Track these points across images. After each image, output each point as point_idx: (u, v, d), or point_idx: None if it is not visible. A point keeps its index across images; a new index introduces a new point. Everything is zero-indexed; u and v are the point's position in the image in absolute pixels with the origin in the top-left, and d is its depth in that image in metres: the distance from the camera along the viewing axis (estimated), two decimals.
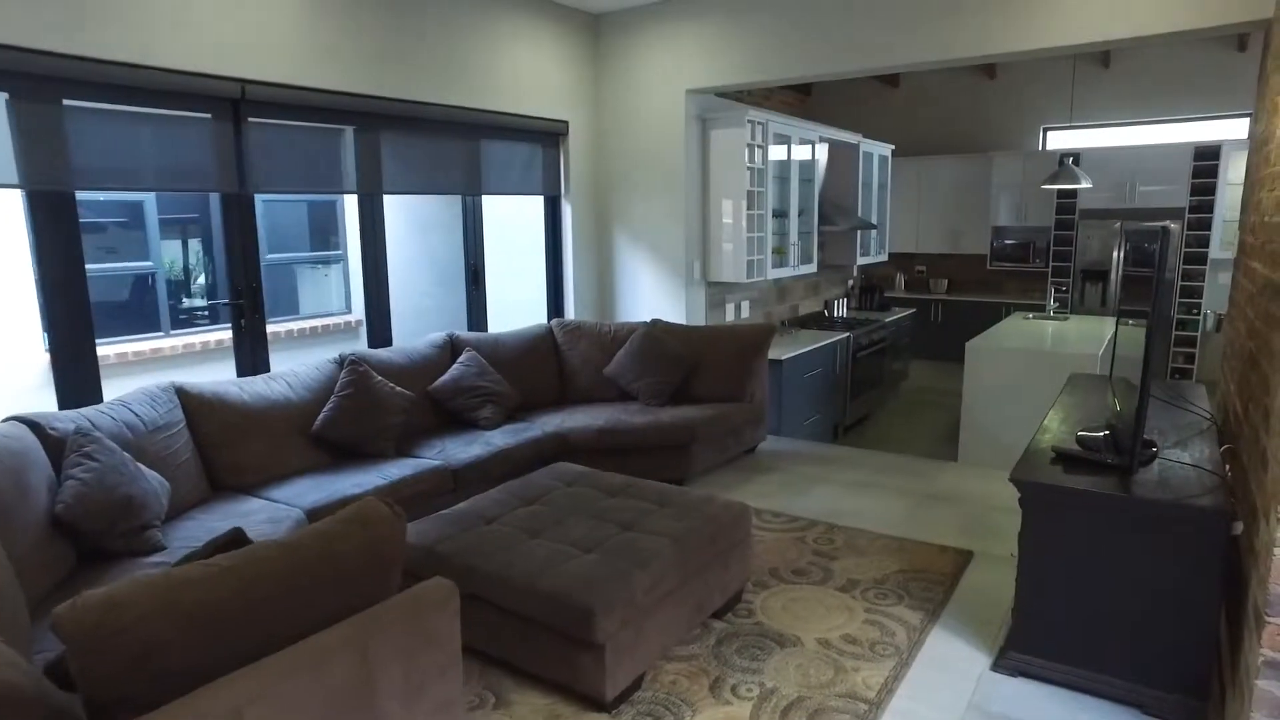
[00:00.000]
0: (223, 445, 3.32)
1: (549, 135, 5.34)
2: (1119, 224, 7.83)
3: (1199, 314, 7.69)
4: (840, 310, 7.36)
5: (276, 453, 3.48)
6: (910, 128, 9.32)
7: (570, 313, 5.59)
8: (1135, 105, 8.23)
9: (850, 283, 7.82)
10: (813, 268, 6.31)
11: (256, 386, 3.58)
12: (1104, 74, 8.31)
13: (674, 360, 4.64)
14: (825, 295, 7.40)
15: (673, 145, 5.29)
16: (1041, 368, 5.37)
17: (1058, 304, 7.20)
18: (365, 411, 3.72)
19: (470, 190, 4.90)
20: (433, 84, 4.48)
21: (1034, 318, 7.10)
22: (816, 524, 3.82)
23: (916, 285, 9.46)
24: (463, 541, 2.67)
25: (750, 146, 5.33)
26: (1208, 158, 7.51)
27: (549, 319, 5.18)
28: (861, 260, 7.20)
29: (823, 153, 6.56)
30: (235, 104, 3.63)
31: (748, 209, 5.36)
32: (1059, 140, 8.72)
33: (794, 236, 5.93)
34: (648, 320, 5.00)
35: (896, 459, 4.97)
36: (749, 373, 4.65)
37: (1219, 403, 3.99)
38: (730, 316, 5.89)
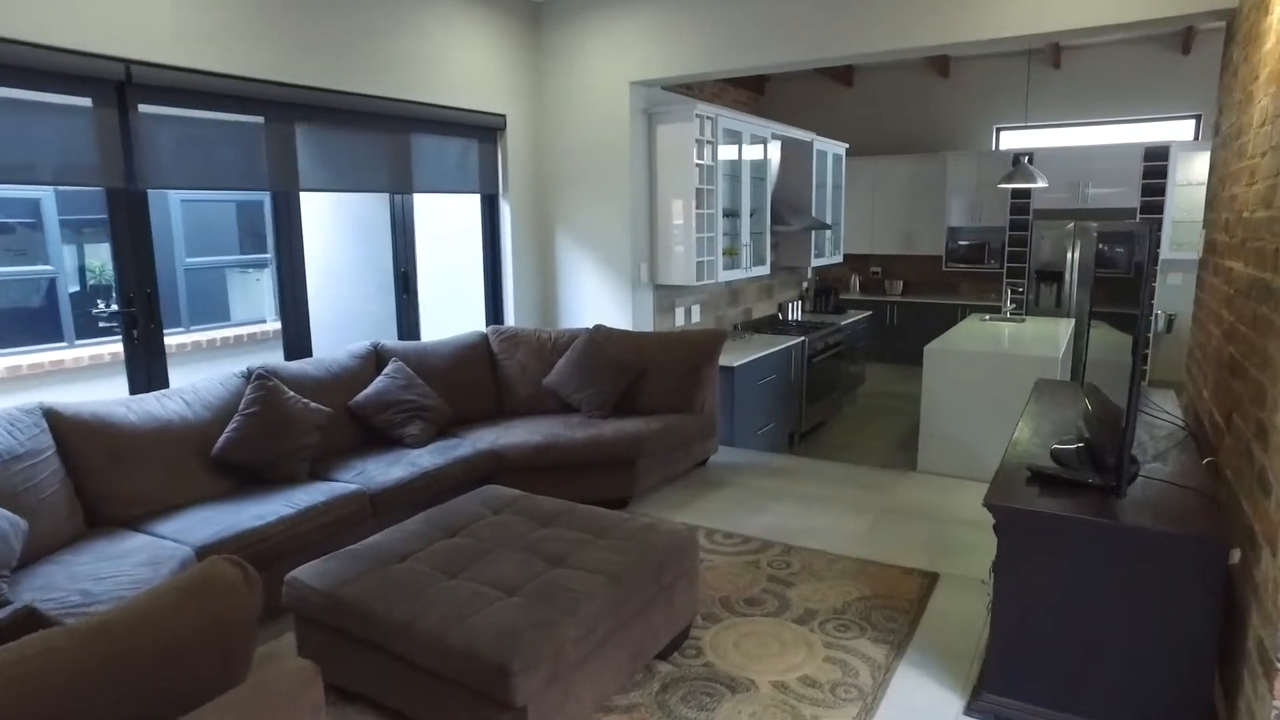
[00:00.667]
0: (104, 474, 2.93)
1: (485, 130, 5.00)
2: (1082, 225, 7.75)
3: (1151, 314, 7.64)
4: (795, 313, 7.14)
5: (170, 480, 3.09)
6: (864, 127, 9.17)
7: (510, 319, 5.26)
8: (1085, 106, 8.18)
9: (805, 285, 7.62)
10: (765, 270, 6.07)
11: (148, 405, 3.18)
12: (1054, 75, 8.25)
13: (618, 369, 4.34)
14: (779, 298, 7.17)
15: (617, 141, 5.00)
16: (1002, 371, 5.19)
17: (1014, 305, 7.07)
18: (274, 431, 3.35)
19: (398, 188, 4.54)
20: (356, 73, 4.12)
21: (991, 319, 6.96)
22: (771, 545, 3.55)
23: (872, 287, 9.31)
24: (369, 584, 2.33)
25: (699, 143, 5.06)
26: (1157, 158, 7.47)
27: (488, 326, 4.83)
28: (816, 262, 6.99)
29: (775, 151, 6.33)
30: (120, 88, 3.23)
31: (697, 208, 5.09)
32: (1012, 140, 8.64)
33: (746, 237, 5.68)
34: (591, 326, 4.69)
35: (854, 470, 4.73)
36: (698, 381, 4.37)
37: (1187, 407, 3.82)
38: (680, 321, 5.62)
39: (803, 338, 6.01)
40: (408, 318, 4.75)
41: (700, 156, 5.09)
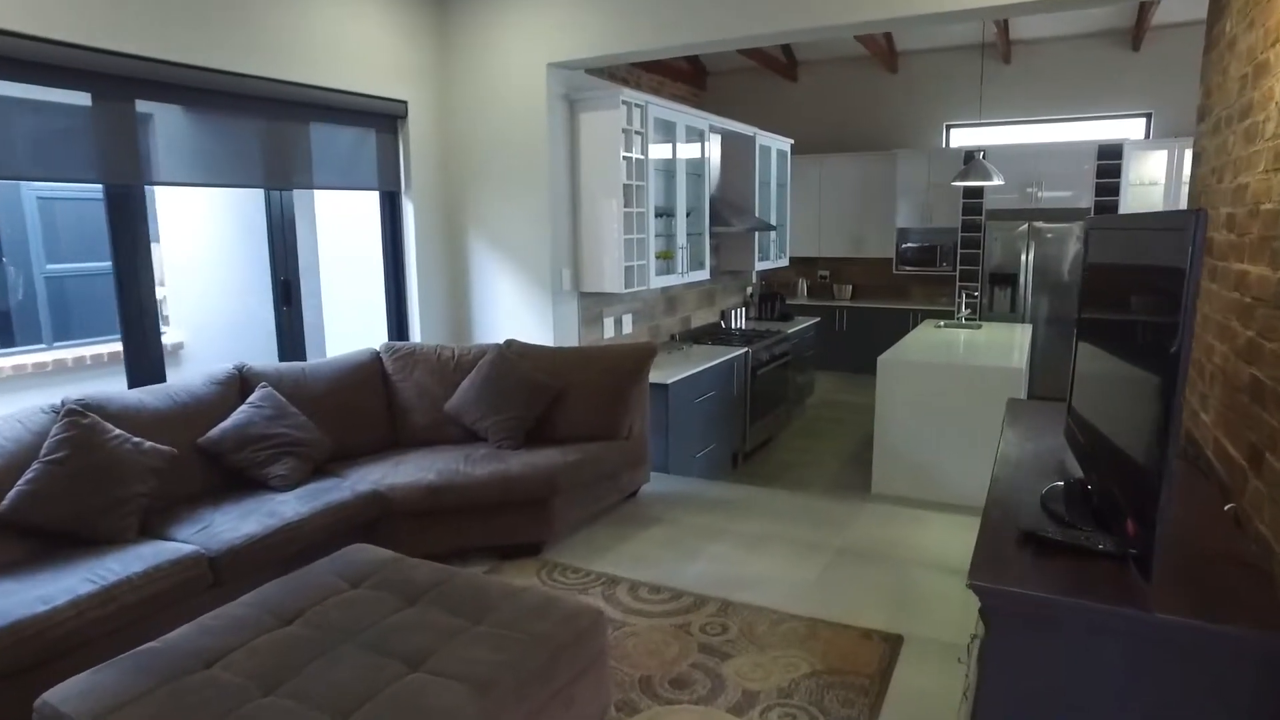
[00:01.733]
0: None
1: (383, 118, 4.38)
2: (1035, 226, 7.41)
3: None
4: (739, 321, 6.63)
5: None
6: (810, 124, 8.74)
7: (416, 334, 4.64)
8: (1036, 103, 7.86)
9: (749, 290, 7.12)
10: (705, 274, 5.54)
11: None
12: (1005, 71, 7.91)
13: (531, 390, 3.76)
14: (722, 304, 6.66)
15: (534, 130, 4.42)
16: (962, 384, 4.74)
17: (969, 311, 6.68)
18: (88, 480, 2.69)
19: (275, 183, 3.90)
20: (222, 47, 3.47)
21: (945, 326, 6.55)
22: (706, 601, 3.00)
23: (819, 291, 8.88)
24: (150, 709, 1.71)
25: (627, 133, 4.51)
26: (1111, 157, 7.17)
27: (383, 343, 4.20)
28: (761, 265, 6.50)
29: (715, 147, 5.82)
30: None
31: (625, 207, 4.54)
32: (963, 138, 8.29)
33: (682, 239, 5.15)
34: (502, 342, 4.10)
35: (804, 501, 4.22)
36: (625, 403, 3.81)
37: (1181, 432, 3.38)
38: (610, 333, 5.06)
39: (746, 348, 5.50)
40: (291, 334, 4.10)
41: (629, 149, 4.54)
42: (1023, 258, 7.50)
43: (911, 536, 3.64)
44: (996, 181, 5.89)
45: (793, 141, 6.98)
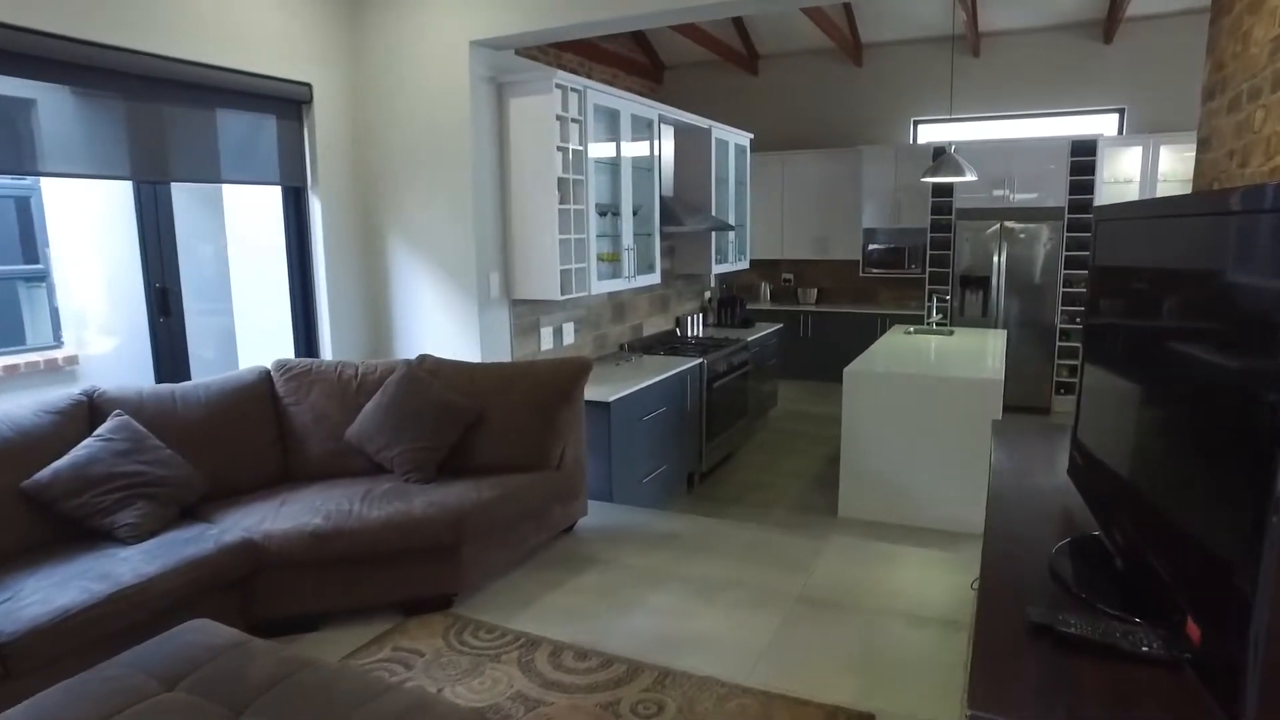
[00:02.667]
0: None
1: (284, 103, 3.85)
2: (1008, 226, 7.04)
3: (1079, 323, 6.98)
4: (695, 328, 6.17)
5: None
6: (772, 120, 8.32)
7: (326, 350, 4.10)
8: (1006, 98, 7.50)
9: (707, 295, 6.66)
10: (656, 278, 5.06)
11: None
12: (974, 64, 7.55)
13: (443, 414, 3.24)
14: (677, 310, 6.19)
15: (457, 117, 3.91)
16: (935, 397, 4.31)
17: (940, 315, 6.28)
18: None
19: (148, 175, 3.35)
20: (79, 13, 2.92)
21: (915, 332, 6.14)
22: (641, 670, 2.51)
23: (783, 295, 8.45)
24: None
25: (563, 121, 4.02)
26: (1085, 153, 6.82)
27: (274, 360, 3.64)
28: (719, 268, 6.04)
29: (668, 139, 5.35)
30: None
31: (562, 203, 4.05)
32: (931, 135, 7.91)
33: (628, 239, 4.66)
34: (414, 357, 3.58)
35: (761, 536, 3.74)
36: (554, 426, 3.31)
37: None
38: (548, 345, 4.55)
39: (701, 359, 5.02)
40: (170, 349, 3.54)
41: (565, 139, 4.04)
42: (994, 259, 7.13)
43: (882, 578, 3.18)
44: (969, 177, 5.48)
45: (752, 136, 6.54)
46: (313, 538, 2.71)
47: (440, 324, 4.08)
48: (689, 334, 6.07)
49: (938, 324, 6.25)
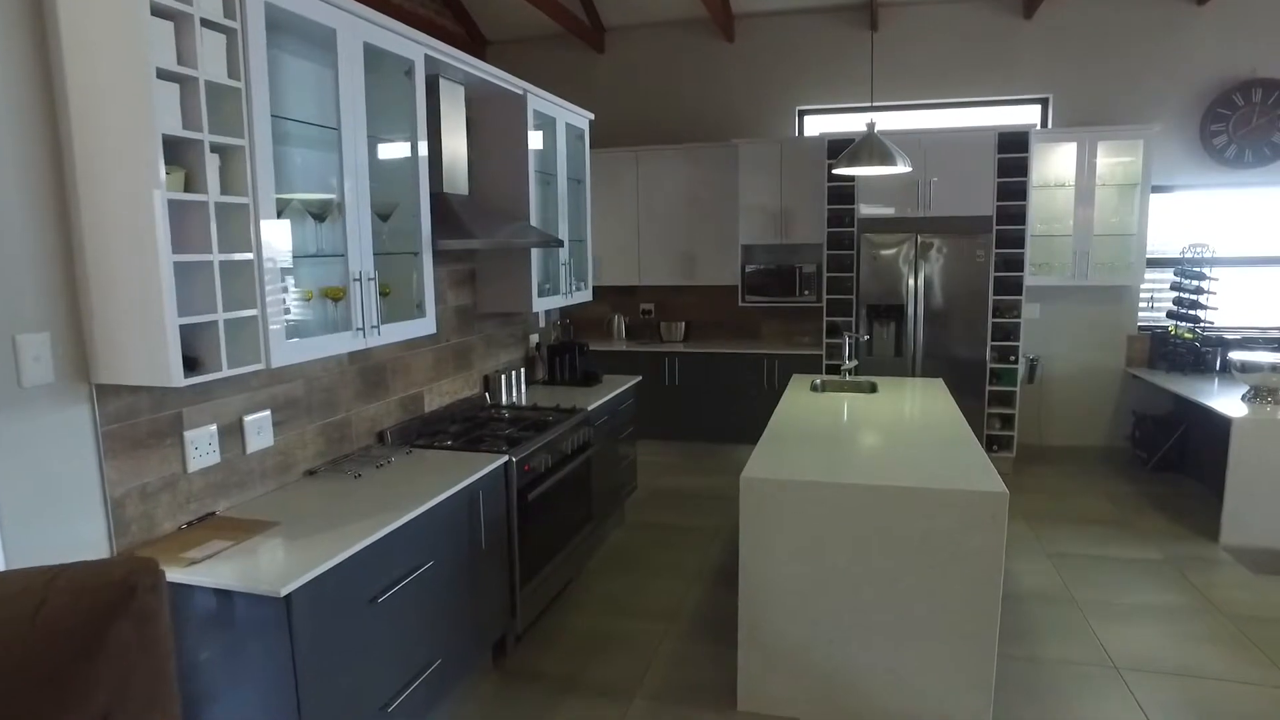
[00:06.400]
0: None
1: None
2: (927, 240, 5.50)
3: (1015, 361, 5.54)
4: (514, 392, 4.22)
5: None
6: (624, 107, 6.53)
7: None
8: (910, 83, 6.03)
9: (534, 341, 4.72)
10: (426, 324, 3.07)
11: None
12: (869, 41, 6.04)
13: None
14: (487, 366, 4.21)
15: None
16: (890, 518, 2.56)
17: (855, 362, 4.60)
18: None
19: None
20: None
21: (823, 388, 4.44)
22: None
23: (642, 332, 6.63)
24: None
25: (180, 21, 1.99)
26: (1014, 149, 5.39)
27: None
28: (546, 302, 4.12)
29: (452, 104, 3.40)
30: None
31: (195, 191, 2.02)
32: (820, 127, 6.34)
33: (363, 263, 2.65)
34: None
35: None
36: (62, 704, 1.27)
37: None
38: (207, 461, 2.44)
39: (506, 454, 3.07)
40: None
41: (188, 59, 2.00)
42: (908, 282, 5.58)
43: None
44: (902, 167, 3.82)
45: (593, 117, 4.68)
46: None
47: None
48: (505, 401, 4.11)
49: (851, 373, 4.57)
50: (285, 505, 2.51)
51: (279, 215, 2.31)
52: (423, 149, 2.95)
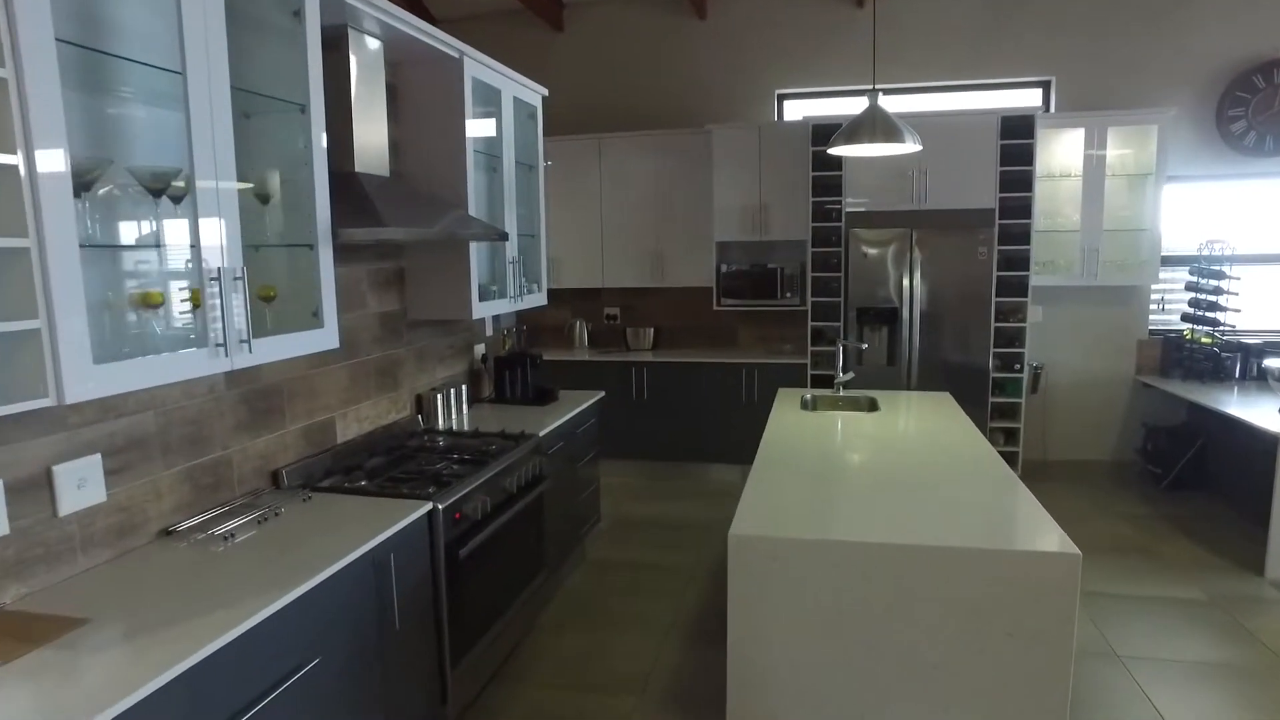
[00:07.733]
0: None
1: None
2: (924, 237, 4.93)
3: (1020, 369, 5.00)
4: (452, 414, 3.56)
5: None
6: (585, 92, 5.91)
7: None
8: (899, 63, 5.48)
9: (480, 352, 4.06)
10: (328, 337, 2.40)
11: None
12: (856, 20, 5.48)
13: None
14: (421, 383, 3.54)
15: None
16: (922, 586, 1.95)
17: (850, 375, 4.00)
18: None
19: None
20: None
21: (816, 405, 3.84)
22: None
23: (607, 340, 6.00)
24: None
25: None
26: (1018, 134, 4.85)
27: None
28: (489, 307, 3.47)
29: (374, 65, 2.75)
30: None
31: None
32: (801, 112, 5.76)
33: (226, 260, 1.98)
34: None
35: None
36: None
37: None
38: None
39: (429, 503, 2.41)
40: None
41: None
42: (904, 283, 5.01)
43: None
44: (910, 145, 3.23)
45: (546, 92, 4.04)
46: None
47: None
48: (441, 425, 3.45)
49: (846, 386, 3.98)
50: (111, 588, 1.83)
51: (88, 188, 1.64)
52: (317, 114, 2.28)
